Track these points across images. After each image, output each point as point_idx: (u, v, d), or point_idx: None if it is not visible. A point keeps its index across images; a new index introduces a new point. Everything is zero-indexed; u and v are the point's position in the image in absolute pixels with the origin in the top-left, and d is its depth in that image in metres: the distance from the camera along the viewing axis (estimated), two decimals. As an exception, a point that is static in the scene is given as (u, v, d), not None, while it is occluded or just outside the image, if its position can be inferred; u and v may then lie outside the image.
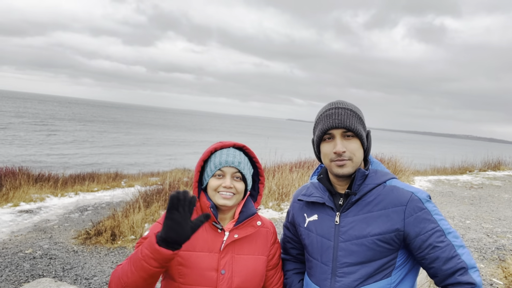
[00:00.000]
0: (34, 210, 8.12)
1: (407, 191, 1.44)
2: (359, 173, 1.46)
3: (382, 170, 1.53)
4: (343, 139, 1.44)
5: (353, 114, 1.46)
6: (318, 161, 1.61)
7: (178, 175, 12.31)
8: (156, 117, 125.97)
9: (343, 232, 1.45)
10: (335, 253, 1.46)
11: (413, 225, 1.38)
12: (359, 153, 1.46)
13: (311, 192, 1.60)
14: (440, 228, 1.37)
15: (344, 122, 1.43)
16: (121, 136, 42.93)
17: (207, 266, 1.49)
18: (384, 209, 1.42)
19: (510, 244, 5.78)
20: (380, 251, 1.40)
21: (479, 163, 16.32)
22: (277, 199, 8.09)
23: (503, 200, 9.36)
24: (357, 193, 1.46)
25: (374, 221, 1.42)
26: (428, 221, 1.38)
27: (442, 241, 1.35)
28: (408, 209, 1.40)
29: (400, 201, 1.41)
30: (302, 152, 13.20)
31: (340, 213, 1.48)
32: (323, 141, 1.49)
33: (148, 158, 24.62)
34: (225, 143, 1.61)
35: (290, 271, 1.75)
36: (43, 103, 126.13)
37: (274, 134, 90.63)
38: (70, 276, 4.75)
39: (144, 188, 9.07)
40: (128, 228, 6.19)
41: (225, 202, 1.53)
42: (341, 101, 1.51)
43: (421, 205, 1.40)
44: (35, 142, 29.81)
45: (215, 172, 1.55)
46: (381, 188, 1.46)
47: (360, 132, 1.45)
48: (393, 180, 1.51)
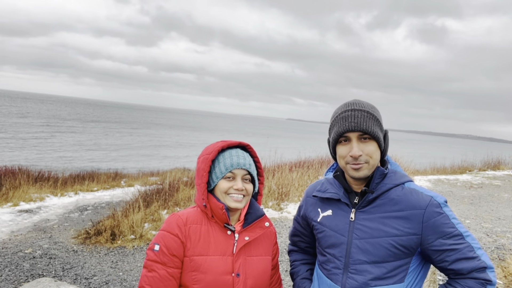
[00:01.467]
0: (34, 209, 8.12)
1: (427, 195, 1.43)
2: (378, 171, 1.45)
3: (400, 172, 1.52)
4: (359, 142, 1.42)
5: (369, 116, 1.43)
6: (334, 160, 1.60)
7: (178, 175, 12.31)
8: (157, 116, 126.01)
9: (358, 229, 1.45)
10: (348, 249, 1.45)
11: (432, 229, 1.38)
12: (375, 155, 1.44)
13: (326, 188, 1.58)
14: (459, 231, 1.38)
15: (360, 125, 1.40)
16: (126, 137, 42.58)
17: (222, 270, 1.46)
18: (402, 211, 1.41)
19: (510, 244, 5.78)
20: (394, 253, 1.40)
21: (479, 162, 16.33)
22: (277, 199, 8.08)
23: (503, 200, 9.36)
24: (375, 192, 1.44)
25: (391, 222, 1.41)
26: (446, 225, 1.38)
27: (461, 243, 1.37)
28: (427, 213, 1.39)
29: (420, 205, 1.40)
30: (302, 151, 13.22)
31: (355, 210, 1.47)
32: (339, 143, 1.47)
33: (161, 162, 24.31)
34: (230, 142, 1.58)
35: (297, 261, 1.76)
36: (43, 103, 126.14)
37: (273, 133, 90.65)
38: (70, 276, 4.75)
39: (144, 188, 9.07)
40: (128, 227, 6.19)
41: (236, 205, 1.51)
42: (358, 101, 1.48)
43: (440, 209, 1.40)
44: (49, 143, 29.60)
45: (225, 174, 1.51)
46: (400, 190, 1.45)
47: (377, 134, 1.43)
48: (411, 183, 1.50)
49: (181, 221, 1.49)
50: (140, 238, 6.06)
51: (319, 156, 12.39)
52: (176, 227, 1.48)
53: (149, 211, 6.95)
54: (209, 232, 1.52)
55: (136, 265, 5.17)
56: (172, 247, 1.45)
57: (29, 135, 33.08)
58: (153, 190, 8.28)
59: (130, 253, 5.57)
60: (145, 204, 7.14)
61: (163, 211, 7.00)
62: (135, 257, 5.43)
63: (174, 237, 1.46)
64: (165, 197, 7.56)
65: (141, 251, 5.68)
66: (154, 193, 7.88)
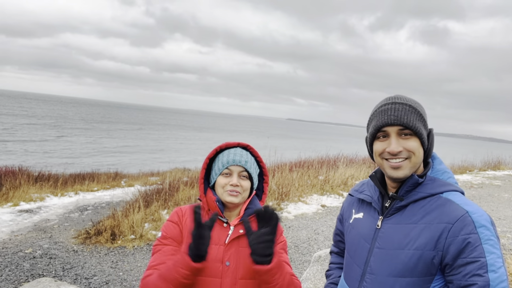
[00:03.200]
0: (34, 209, 8.12)
1: (462, 208, 1.23)
2: (412, 179, 1.30)
3: (442, 180, 1.34)
4: (399, 137, 1.29)
5: (412, 110, 1.29)
6: (372, 161, 1.53)
7: (178, 175, 12.33)
8: (157, 117, 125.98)
9: (380, 238, 1.34)
10: (368, 257, 1.37)
11: (454, 246, 1.19)
12: (418, 152, 1.29)
13: (363, 189, 1.52)
14: (485, 261, 1.14)
15: (401, 118, 1.27)
16: (135, 139, 42.25)
17: (212, 258, 1.55)
18: (429, 223, 1.25)
19: (510, 244, 5.78)
20: (413, 269, 1.25)
21: (479, 162, 16.33)
22: (277, 199, 8.09)
23: (503, 200, 9.36)
24: (404, 199, 1.32)
25: (415, 234, 1.26)
26: (473, 247, 1.16)
27: (480, 275, 1.13)
28: (454, 229, 1.20)
29: (449, 218, 1.22)
30: (302, 152, 13.22)
31: (383, 217, 1.37)
32: (376, 139, 1.35)
33: (162, 162, 23.90)
34: (230, 143, 1.70)
35: (333, 264, 1.72)
36: (42, 103, 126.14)
37: (273, 133, 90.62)
38: (70, 276, 4.75)
39: (144, 188, 9.08)
40: (128, 227, 6.19)
41: (231, 199, 1.60)
42: (400, 95, 1.36)
43: (472, 228, 1.18)
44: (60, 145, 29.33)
45: (222, 171, 1.62)
46: (435, 200, 1.29)
47: (420, 130, 1.28)
48: (453, 193, 1.30)
49: (181, 212, 1.67)
50: (140, 238, 6.06)
51: (319, 156, 12.39)
52: (176, 216, 1.65)
53: (149, 211, 6.95)
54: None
55: (136, 265, 5.17)
56: (172, 232, 1.61)
57: (37, 137, 32.91)
58: (153, 190, 8.28)
59: (130, 253, 5.57)
60: (145, 204, 7.14)
61: (163, 211, 7.00)
62: (135, 257, 5.43)
63: (174, 224, 1.63)
64: (165, 197, 7.57)
65: (141, 251, 5.68)
66: (154, 193, 7.89)
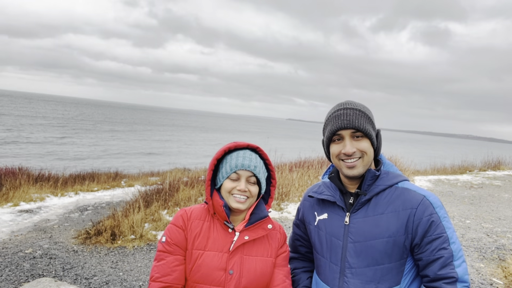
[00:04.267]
0: (34, 209, 8.12)
1: (419, 194, 1.43)
2: (370, 173, 1.45)
3: (394, 172, 1.53)
4: (352, 139, 1.44)
5: (361, 114, 1.44)
6: (329, 161, 1.60)
7: (178, 175, 12.32)
8: (158, 117, 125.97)
9: (352, 233, 1.45)
10: (343, 253, 1.45)
11: (421, 227, 1.38)
12: (369, 151, 1.45)
13: (322, 190, 1.60)
14: (446, 235, 1.37)
15: (352, 122, 1.42)
16: (135, 139, 41.96)
17: (216, 266, 1.50)
18: (395, 211, 1.41)
19: (510, 244, 5.78)
20: (388, 255, 1.40)
21: (479, 163, 16.33)
22: (277, 199, 8.08)
23: (503, 200, 9.36)
24: (367, 194, 1.45)
25: (384, 223, 1.41)
26: (436, 225, 1.37)
27: (445, 248, 1.35)
28: (418, 212, 1.39)
29: (411, 204, 1.40)
30: (302, 152, 13.22)
31: (350, 213, 1.47)
32: (332, 142, 1.49)
33: (162, 163, 23.48)
34: (239, 144, 1.61)
35: (298, 269, 1.74)
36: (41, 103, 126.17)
37: (272, 133, 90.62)
38: (70, 276, 4.75)
39: (144, 188, 9.07)
40: (128, 228, 6.19)
41: (238, 206, 1.54)
42: (350, 101, 1.50)
43: (432, 209, 1.39)
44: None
45: (230, 175, 1.55)
46: (393, 190, 1.46)
47: (370, 132, 1.44)
48: (405, 182, 1.50)
49: (186, 215, 1.60)
50: (140, 238, 6.06)
51: (319, 156, 12.38)
52: (181, 220, 1.59)
53: (149, 211, 6.95)
54: (210, 229, 1.57)
55: (136, 265, 5.17)
56: (176, 237, 1.55)
57: (44, 139, 32.77)
58: (153, 190, 8.28)
59: (130, 253, 5.57)
60: (145, 204, 7.14)
61: (163, 211, 7.00)
62: (135, 257, 5.43)
63: (178, 228, 1.57)
64: (165, 197, 7.56)
65: (141, 251, 5.68)
66: (154, 193, 7.88)
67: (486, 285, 4.36)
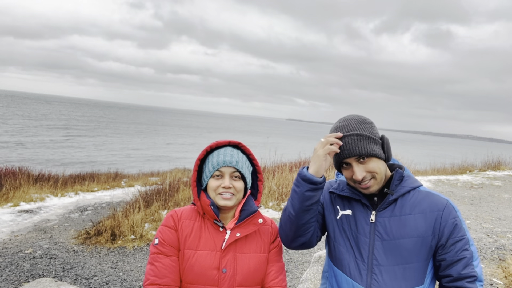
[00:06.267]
0: (34, 210, 8.12)
1: (444, 198, 1.51)
2: (397, 174, 1.52)
3: (413, 176, 1.58)
4: (359, 163, 1.46)
5: (359, 138, 1.45)
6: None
7: (178, 175, 12.32)
8: (159, 117, 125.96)
9: (379, 231, 1.47)
10: (370, 250, 1.48)
11: (447, 229, 1.45)
12: (379, 169, 1.47)
13: (343, 188, 1.61)
14: (467, 238, 1.46)
15: (354, 151, 1.44)
16: (137, 141, 41.77)
17: (209, 265, 1.50)
18: (422, 212, 1.47)
19: (510, 244, 5.78)
20: (417, 254, 1.44)
21: (479, 163, 16.32)
22: (277, 199, 8.08)
23: (503, 200, 9.36)
24: (394, 193, 1.49)
25: (412, 223, 1.46)
26: (459, 228, 1.46)
27: (467, 249, 1.44)
28: (444, 215, 1.46)
29: (438, 207, 1.47)
30: (302, 152, 13.21)
31: (376, 211, 1.50)
32: (342, 168, 1.53)
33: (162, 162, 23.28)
34: (220, 142, 1.61)
35: None
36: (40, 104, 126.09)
37: (272, 133, 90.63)
38: (70, 276, 4.75)
39: (144, 188, 9.07)
40: (128, 228, 6.19)
41: (225, 203, 1.54)
42: (346, 124, 1.49)
43: (455, 213, 1.48)
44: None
45: (213, 173, 1.55)
46: (417, 193, 1.51)
47: (373, 151, 1.45)
48: (424, 187, 1.57)
49: (176, 216, 1.60)
50: (140, 238, 6.06)
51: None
52: (172, 220, 1.58)
53: (149, 211, 6.95)
54: (201, 228, 1.57)
55: (136, 265, 5.17)
56: (169, 238, 1.55)
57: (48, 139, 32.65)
58: (153, 190, 8.28)
59: (130, 253, 5.57)
60: (145, 204, 7.14)
61: (163, 211, 7.00)
62: (135, 257, 5.43)
63: (170, 229, 1.56)
64: (165, 197, 7.56)
65: (141, 251, 5.68)
66: (154, 193, 7.88)
67: (486, 285, 4.36)
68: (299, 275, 4.73)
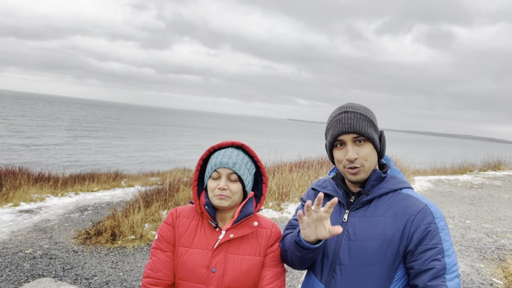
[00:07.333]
0: (34, 210, 8.12)
1: (422, 202, 1.40)
2: (375, 174, 1.45)
3: (400, 178, 1.51)
4: (354, 144, 1.42)
5: (363, 117, 1.43)
6: (332, 164, 1.60)
7: (178, 175, 12.32)
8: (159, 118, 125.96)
9: (348, 231, 1.44)
10: (336, 249, 1.45)
11: (417, 234, 1.34)
12: (371, 157, 1.44)
13: (326, 185, 1.60)
14: (442, 247, 1.32)
15: (354, 126, 1.40)
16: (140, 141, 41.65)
17: (199, 263, 1.52)
18: (394, 215, 1.39)
19: (510, 244, 5.78)
20: (381, 258, 1.37)
21: (479, 163, 16.32)
22: (277, 199, 8.08)
23: (503, 200, 9.36)
24: (370, 194, 1.45)
25: (381, 225, 1.39)
26: (432, 235, 1.33)
27: (438, 260, 1.30)
28: (416, 219, 1.35)
29: (411, 210, 1.38)
30: (302, 152, 13.22)
31: (349, 211, 1.47)
32: (335, 147, 1.48)
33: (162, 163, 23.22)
34: (223, 143, 1.62)
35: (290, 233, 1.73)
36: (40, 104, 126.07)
37: (272, 133, 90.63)
38: (70, 276, 4.75)
39: (144, 188, 9.07)
40: (128, 228, 6.19)
41: (219, 202, 1.55)
42: (351, 104, 1.48)
43: (431, 218, 1.35)
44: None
45: (211, 174, 1.57)
46: (396, 195, 1.44)
47: (372, 135, 1.42)
48: (409, 189, 1.48)
49: (175, 213, 1.66)
50: (140, 238, 6.06)
51: (319, 157, 12.38)
52: (170, 218, 1.65)
53: (150, 211, 6.95)
54: (198, 227, 1.61)
55: (136, 265, 5.17)
56: (166, 234, 1.61)
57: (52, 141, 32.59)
58: (153, 190, 8.27)
59: (131, 254, 5.57)
60: (145, 204, 7.14)
61: (163, 211, 7.00)
62: (136, 258, 5.43)
63: (168, 226, 1.62)
64: (166, 197, 7.56)
65: (142, 251, 5.68)
66: (154, 193, 7.88)
67: (486, 285, 4.36)
68: (299, 275, 4.73)
